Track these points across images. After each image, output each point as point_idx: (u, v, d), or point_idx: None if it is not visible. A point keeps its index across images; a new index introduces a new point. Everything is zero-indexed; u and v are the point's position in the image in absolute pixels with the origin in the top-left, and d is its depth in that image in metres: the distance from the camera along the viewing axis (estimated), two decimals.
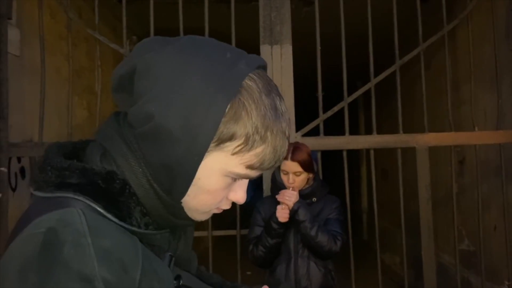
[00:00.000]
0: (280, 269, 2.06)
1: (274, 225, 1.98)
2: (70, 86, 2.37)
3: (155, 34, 2.49)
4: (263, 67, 0.64)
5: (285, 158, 2.02)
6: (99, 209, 0.56)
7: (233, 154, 0.59)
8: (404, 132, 2.46)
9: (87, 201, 0.56)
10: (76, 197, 0.56)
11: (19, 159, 2.47)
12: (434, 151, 3.44)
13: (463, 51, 2.67)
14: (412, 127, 2.60)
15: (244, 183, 0.65)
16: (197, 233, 2.71)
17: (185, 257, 0.72)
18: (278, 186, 2.08)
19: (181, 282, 0.64)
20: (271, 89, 0.61)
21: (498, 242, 2.83)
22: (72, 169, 0.58)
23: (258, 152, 0.59)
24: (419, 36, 2.51)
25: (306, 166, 2.03)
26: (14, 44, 2.44)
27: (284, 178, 2.06)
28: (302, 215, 1.97)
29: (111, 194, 0.58)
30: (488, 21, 2.69)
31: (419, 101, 2.55)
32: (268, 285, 2.12)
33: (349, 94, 2.49)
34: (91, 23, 2.49)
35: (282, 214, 1.97)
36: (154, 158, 0.59)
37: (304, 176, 2.05)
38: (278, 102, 0.61)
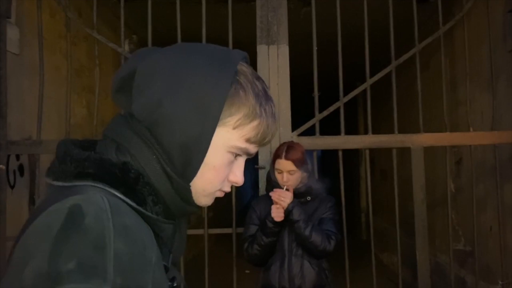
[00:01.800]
0: (274, 267, 2.07)
1: (269, 224, 2.00)
2: (68, 84, 2.39)
3: (155, 33, 2.51)
4: (247, 60, 0.72)
5: (279, 157, 2.04)
6: (118, 194, 0.60)
7: (234, 128, 0.66)
8: (404, 132, 2.48)
9: (107, 188, 0.60)
10: (95, 184, 0.60)
11: (17, 157, 2.50)
12: (432, 152, 3.45)
13: (461, 52, 2.69)
14: (411, 127, 2.60)
15: (241, 164, 0.72)
16: (194, 231, 2.74)
17: (178, 255, 0.75)
18: (272, 185, 2.10)
19: (175, 283, 0.67)
20: (258, 76, 0.71)
21: (494, 243, 2.84)
22: (91, 160, 0.62)
23: (255, 126, 0.67)
24: (415, 36, 2.51)
25: (300, 164, 2.05)
26: (13, 42, 2.47)
27: (278, 177, 2.08)
28: (296, 215, 1.99)
29: (127, 182, 0.62)
30: (486, 22, 2.70)
31: (417, 101, 2.56)
32: (261, 285, 2.13)
33: (349, 94, 2.51)
34: (91, 22, 2.51)
35: (277, 214, 1.99)
36: (170, 141, 0.64)
37: (298, 174, 2.07)
38: (266, 87, 0.70)
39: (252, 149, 0.70)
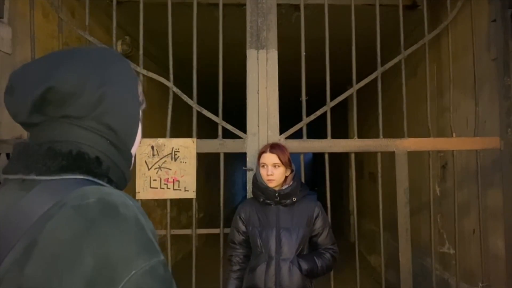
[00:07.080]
0: (260, 269, 2.09)
1: None
2: None
3: (148, 35, 2.55)
4: None
5: (264, 152, 2.12)
6: (104, 183, 0.71)
7: (142, 101, 0.84)
8: (394, 136, 2.54)
9: (95, 179, 0.70)
10: (86, 177, 0.69)
11: (7, 155, 2.52)
12: (420, 156, 3.51)
13: (448, 59, 2.75)
14: (401, 132, 2.64)
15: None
16: (182, 231, 2.77)
17: None
18: (258, 186, 2.14)
19: None
20: None
21: (477, 246, 2.91)
22: (66, 154, 0.71)
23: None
24: (401, 44, 2.57)
25: (284, 159, 2.12)
26: (6, 42, 2.49)
27: (262, 171, 2.14)
28: (304, 267, 2.08)
29: (104, 174, 0.73)
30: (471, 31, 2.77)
31: (408, 107, 2.62)
32: (247, 286, 2.17)
33: (336, 98, 2.57)
34: (84, 22, 2.54)
35: None
36: (117, 123, 0.75)
37: (282, 169, 2.13)
38: None
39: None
